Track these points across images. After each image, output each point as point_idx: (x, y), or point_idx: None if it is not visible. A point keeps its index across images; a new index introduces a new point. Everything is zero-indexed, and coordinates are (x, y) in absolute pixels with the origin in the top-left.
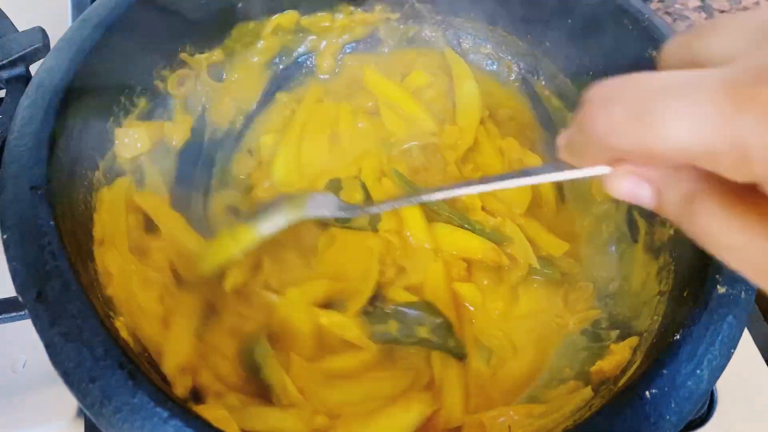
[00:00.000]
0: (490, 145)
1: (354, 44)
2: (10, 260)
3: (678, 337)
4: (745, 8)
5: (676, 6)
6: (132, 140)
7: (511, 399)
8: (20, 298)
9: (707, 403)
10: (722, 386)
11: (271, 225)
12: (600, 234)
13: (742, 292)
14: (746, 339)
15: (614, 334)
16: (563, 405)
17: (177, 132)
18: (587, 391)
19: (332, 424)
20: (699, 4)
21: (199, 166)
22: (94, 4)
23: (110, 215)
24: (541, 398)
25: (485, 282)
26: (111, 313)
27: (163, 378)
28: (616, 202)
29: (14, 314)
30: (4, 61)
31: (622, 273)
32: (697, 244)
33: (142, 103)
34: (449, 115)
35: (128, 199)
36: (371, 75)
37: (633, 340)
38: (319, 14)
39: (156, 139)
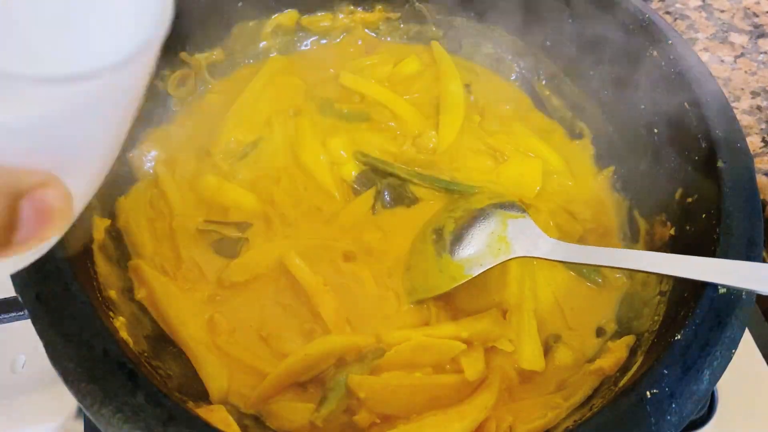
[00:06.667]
0: (475, 142)
1: None
2: None
3: (679, 337)
4: (746, 8)
5: (677, 5)
6: (145, 153)
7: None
8: (20, 298)
9: (708, 403)
10: (723, 386)
11: (480, 268)
12: None
13: (743, 293)
14: (747, 339)
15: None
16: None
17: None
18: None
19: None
20: (699, 3)
21: None
22: None
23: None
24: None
25: None
26: (111, 313)
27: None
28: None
29: (14, 314)
30: None
31: (623, 273)
32: (697, 244)
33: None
34: (432, 113)
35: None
36: (347, 77)
37: (629, 339)
38: (320, 14)
39: (166, 144)
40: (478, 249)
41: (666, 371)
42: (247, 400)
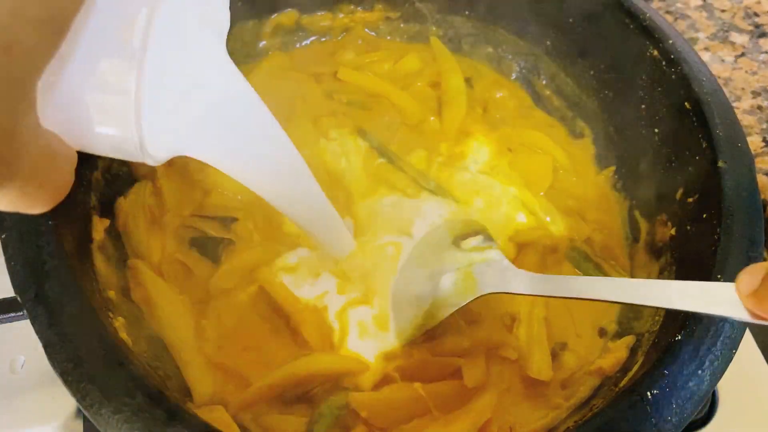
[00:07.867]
0: (477, 136)
1: None
2: (8, 260)
3: (679, 337)
4: (747, 8)
5: (677, 5)
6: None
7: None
8: (19, 298)
9: (709, 403)
10: (724, 387)
11: (450, 308)
12: None
13: None
14: (748, 339)
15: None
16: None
17: None
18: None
19: None
20: (700, 3)
21: None
22: None
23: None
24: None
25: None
26: (110, 314)
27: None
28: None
29: (13, 314)
30: None
31: (627, 274)
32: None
33: None
34: (434, 106)
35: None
36: (345, 72)
37: (630, 339)
38: (320, 13)
39: None
40: (445, 288)
41: (666, 371)
42: (229, 408)
